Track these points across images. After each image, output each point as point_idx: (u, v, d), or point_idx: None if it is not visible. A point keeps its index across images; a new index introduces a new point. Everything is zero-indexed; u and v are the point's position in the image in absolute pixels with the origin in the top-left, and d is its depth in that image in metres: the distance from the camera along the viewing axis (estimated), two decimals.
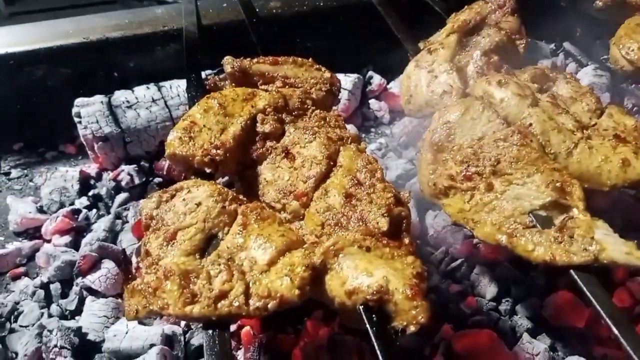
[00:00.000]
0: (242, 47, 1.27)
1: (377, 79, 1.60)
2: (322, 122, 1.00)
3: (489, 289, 1.09)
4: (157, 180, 1.34)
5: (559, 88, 1.10)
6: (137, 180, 1.33)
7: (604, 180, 0.93)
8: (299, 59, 1.17)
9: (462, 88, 1.10)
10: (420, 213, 1.24)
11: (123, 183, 1.32)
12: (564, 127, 0.98)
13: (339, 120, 1.03)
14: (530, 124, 0.98)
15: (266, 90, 1.09)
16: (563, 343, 1.02)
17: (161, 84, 1.38)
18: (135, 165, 1.34)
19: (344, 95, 1.52)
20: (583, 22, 1.60)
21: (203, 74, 1.37)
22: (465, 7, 1.33)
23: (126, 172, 1.33)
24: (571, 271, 0.79)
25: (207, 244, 0.83)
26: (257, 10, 1.49)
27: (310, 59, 1.18)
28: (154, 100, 1.35)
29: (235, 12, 1.49)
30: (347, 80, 1.53)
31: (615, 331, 0.71)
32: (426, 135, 1.05)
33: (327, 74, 1.15)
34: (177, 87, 1.38)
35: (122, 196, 1.30)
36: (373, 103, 1.58)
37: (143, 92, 1.37)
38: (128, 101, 1.35)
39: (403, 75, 1.23)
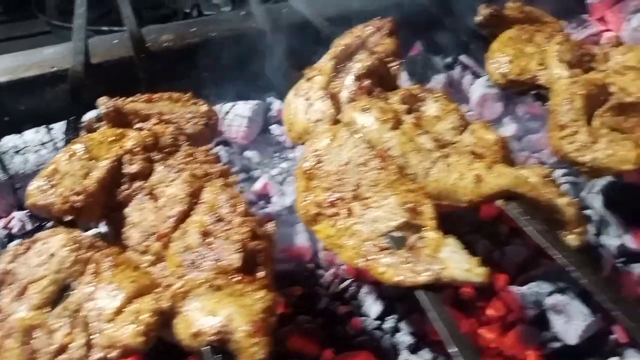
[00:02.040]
0: (135, 84, 1.28)
1: (277, 105, 1.61)
2: (190, 158, 1.01)
3: (374, 308, 1.11)
4: (50, 224, 1.32)
5: (427, 107, 1.14)
6: (29, 226, 1.31)
7: (460, 197, 0.96)
8: (176, 94, 1.18)
9: (334, 114, 1.13)
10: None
11: (15, 230, 1.30)
12: (424, 147, 1.01)
13: (209, 155, 1.03)
14: (390, 147, 1.01)
15: (140, 129, 1.10)
16: (445, 357, 1.04)
17: (51, 126, 1.37)
18: (27, 211, 1.32)
19: (244, 122, 1.54)
20: (476, 35, 1.64)
21: (93, 114, 1.37)
22: (346, 31, 1.36)
23: (17, 219, 1.30)
24: (415, 291, 0.81)
25: (60, 295, 0.83)
26: (149, 44, 1.50)
27: (189, 94, 1.20)
28: (42, 144, 1.34)
29: (127, 48, 1.49)
30: (246, 107, 1.55)
31: (452, 350, 0.74)
32: (299, 163, 1.07)
33: (204, 108, 1.17)
34: None
35: (14, 244, 1.28)
36: (274, 128, 1.59)
37: (32, 135, 1.35)
38: (16, 146, 1.33)
39: (284, 103, 1.25)
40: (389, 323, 1.09)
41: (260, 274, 0.83)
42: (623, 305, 0.77)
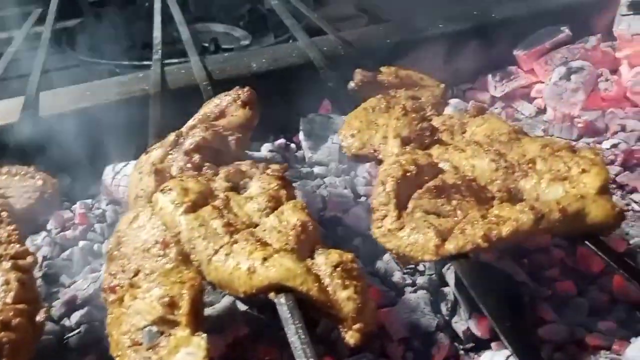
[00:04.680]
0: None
1: None
2: None
3: None
4: None
5: (251, 185, 1.12)
6: None
7: (236, 287, 0.94)
8: (16, 167, 1.21)
9: (154, 192, 1.13)
10: None
11: None
12: (215, 232, 0.99)
13: (12, 235, 1.06)
14: (180, 232, 0.99)
15: None
16: None
17: None
18: None
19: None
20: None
21: None
22: (208, 100, 1.37)
23: None
24: None
25: None
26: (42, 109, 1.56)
27: (32, 167, 1.23)
28: None
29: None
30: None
31: None
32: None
33: (39, 182, 1.20)
34: None
35: None
36: None
37: None
38: None
39: None
40: None
41: None
42: None
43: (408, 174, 1.05)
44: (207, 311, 1.21)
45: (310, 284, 0.90)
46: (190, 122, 1.31)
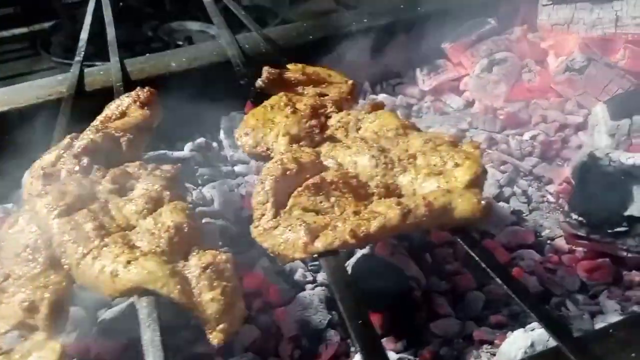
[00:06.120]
0: None
1: None
2: None
3: None
4: None
5: (137, 186, 1.12)
6: None
7: (102, 290, 0.94)
8: None
9: None
10: None
11: None
12: (86, 235, 0.98)
13: None
14: (52, 236, 0.99)
15: None
16: None
17: None
18: None
19: None
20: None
21: None
22: (111, 102, 1.36)
23: None
24: None
25: None
26: None
27: None
28: None
29: None
30: None
31: None
32: None
33: None
34: None
35: None
36: None
37: None
38: None
39: None
40: None
41: None
42: None
43: (288, 172, 1.05)
44: (106, 314, 1.22)
45: (172, 287, 0.90)
46: (92, 124, 1.31)
